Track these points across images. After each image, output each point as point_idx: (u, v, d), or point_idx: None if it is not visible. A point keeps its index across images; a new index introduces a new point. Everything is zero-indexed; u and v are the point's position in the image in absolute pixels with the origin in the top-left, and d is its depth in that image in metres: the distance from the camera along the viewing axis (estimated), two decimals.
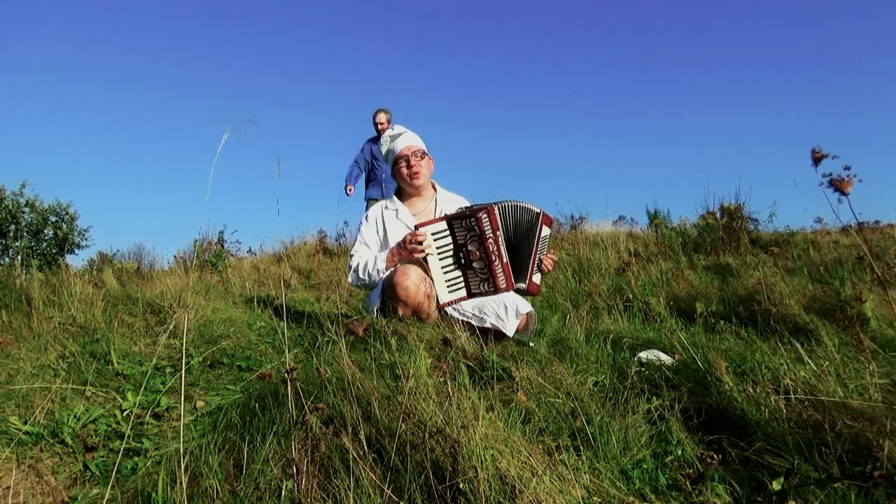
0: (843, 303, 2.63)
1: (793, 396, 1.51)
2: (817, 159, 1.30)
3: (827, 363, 1.67)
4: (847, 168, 1.27)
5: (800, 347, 1.80)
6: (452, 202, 2.87)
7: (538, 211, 2.56)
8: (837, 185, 1.26)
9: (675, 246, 5.25)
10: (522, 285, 2.60)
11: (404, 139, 2.81)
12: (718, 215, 5.77)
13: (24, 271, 4.32)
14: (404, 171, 2.80)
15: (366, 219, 2.89)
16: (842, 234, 5.55)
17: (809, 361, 1.67)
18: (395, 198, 2.89)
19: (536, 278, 2.68)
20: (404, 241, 2.55)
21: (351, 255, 2.83)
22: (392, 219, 2.80)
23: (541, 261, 2.66)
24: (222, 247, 6.83)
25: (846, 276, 3.26)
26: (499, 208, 2.49)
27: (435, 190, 2.93)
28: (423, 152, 2.81)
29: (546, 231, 2.63)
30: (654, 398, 1.69)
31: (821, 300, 2.79)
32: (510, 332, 2.43)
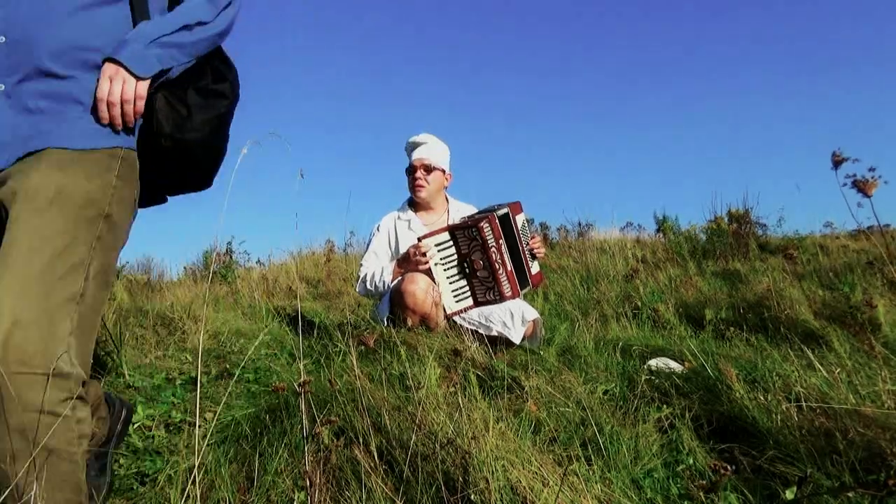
0: (853, 308, 2.61)
1: (804, 404, 1.50)
2: (837, 162, 1.28)
3: (838, 370, 1.66)
4: (872, 169, 1.25)
5: (810, 354, 1.80)
6: (466, 213, 2.88)
7: (505, 209, 2.56)
8: (861, 187, 1.25)
9: (683, 252, 5.23)
10: (528, 288, 2.61)
11: (419, 150, 2.82)
12: (727, 220, 5.74)
13: None
14: (410, 182, 2.82)
15: (377, 229, 2.90)
16: (851, 239, 5.52)
17: (821, 368, 1.67)
18: (408, 208, 2.91)
19: (535, 268, 2.70)
20: (407, 254, 2.56)
21: (360, 265, 2.85)
22: (404, 229, 2.82)
23: (531, 248, 2.67)
24: (231, 257, 6.86)
25: (856, 281, 3.24)
26: (498, 217, 2.50)
27: (447, 201, 2.94)
28: (430, 166, 2.80)
29: (521, 219, 2.64)
30: (665, 406, 1.69)
31: (831, 306, 2.77)
32: (517, 339, 2.43)
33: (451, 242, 2.54)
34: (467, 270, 2.53)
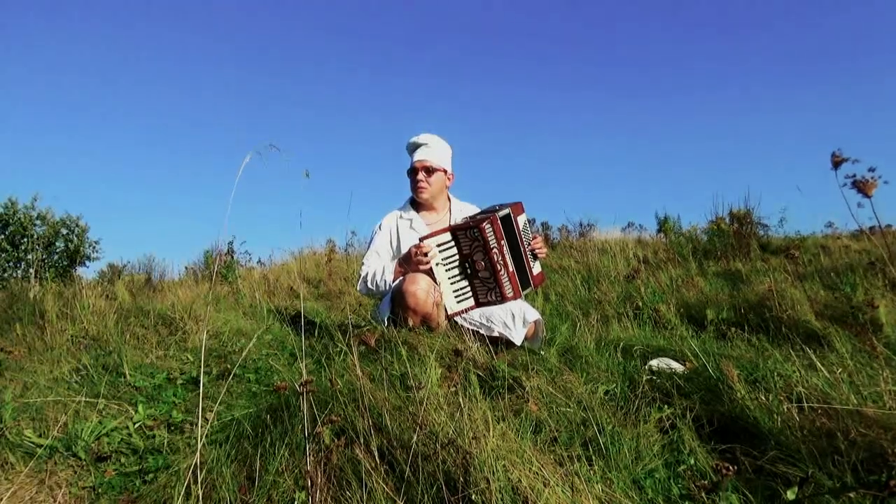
0: (855, 308, 2.61)
1: (806, 404, 1.50)
2: (837, 163, 1.28)
3: (840, 370, 1.66)
4: (872, 170, 1.25)
5: (812, 354, 1.79)
6: (468, 213, 2.87)
7: (507, 210, 2.56)
8: (861, 187, 1.24)
9: (684, 252, 5.23)
10: (529, 288, 2.61)
11: (420, 151, 2.82)
12: (728, 220, 5.74)
13: (39, 283, 4.36)
14: (412, 184, 2.83)
15: (379, 227, 2.90)
16: (853, 239, 5.51)
17: (822, 368, 1.66)
18: (410, 207, 2.91)
19: (536, 269, 2.69)
20: (409, 254, 2.56)
21: (362, 264, 2.85)
22: (406, 228, 2.82)
23: (533, 249, 2.67)
24: (232, 257, 6.87)
25: (858, 282, 3.23)
26: (500, 217, 2.50)
27: (450, 201, 2.94)
28: (432, 168, 2.80)
29: (522, 219, 2.64)
30: (666, 407, 1.68)
31: (833, 306, 2.77)
32: (518, 340, 2.43)
33: (452, 243, 2.54)
34: (469, 271, 2.52)
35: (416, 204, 2.91)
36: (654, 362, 2.14)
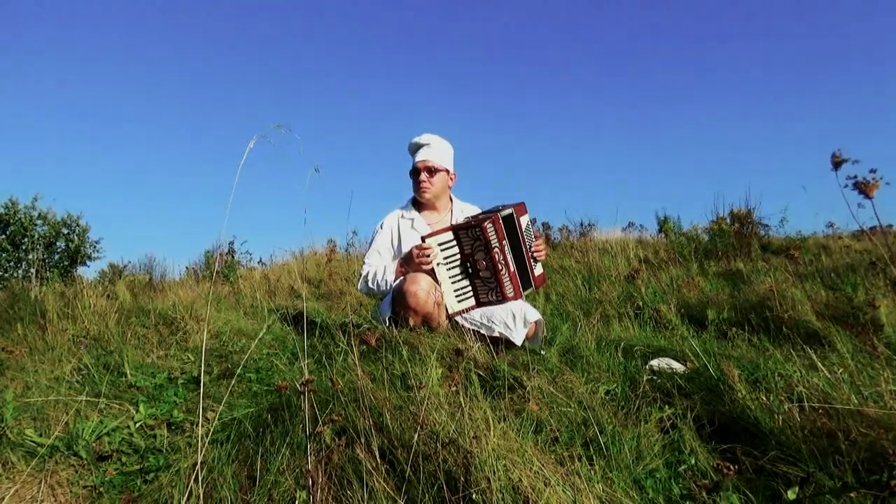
0: (856, 308, 2.61)
1: (806, 404, 1.50)
2: (837, 164, 1.28)
3: (841, 370, 1.66)
4: (873, 171, 1.24)
5: (813, 354, 1.79)
6: (469, 213, 2.88)
7: (510, 210, 2.56)
8: (862, 188, 1.24)
9: (685, 252, 5.23)
10: (531, 289, 2.61)
11: (422, 152, 2.83)
12: (729, 221, 5.74)
13: (39, 283, 4.37)
14: (414, 184, 2.83)
15: (380, 226, 2.90)
16: (854, 239, 5.51)
17: (823, 369, 1.66)
18: (411, 207, 2.91)
19: (538, 270, 2.69)
20: (410, 254, 2.56)
21: (363, 263, 2.85)
22: (407, 228, 2.82)
23: (534, 251, 2.67)
24: (233, 257, 6.88)
25: (859, 282, 3.23)
26: (502, 217, 2.50)
27: (451, 201, 2.95)
28: (434, 168, 2.81)
29: (525, 220, 2.64)
30: (667, 407, 1.68)
31: (834, 306, 2.77)
32: (518, 340, 2.43)
33: (454, 242, 2.53)
34: (470, 270, 2.52)
35: (418, 204, 2.91)
36: (654, 362, 2.14)
